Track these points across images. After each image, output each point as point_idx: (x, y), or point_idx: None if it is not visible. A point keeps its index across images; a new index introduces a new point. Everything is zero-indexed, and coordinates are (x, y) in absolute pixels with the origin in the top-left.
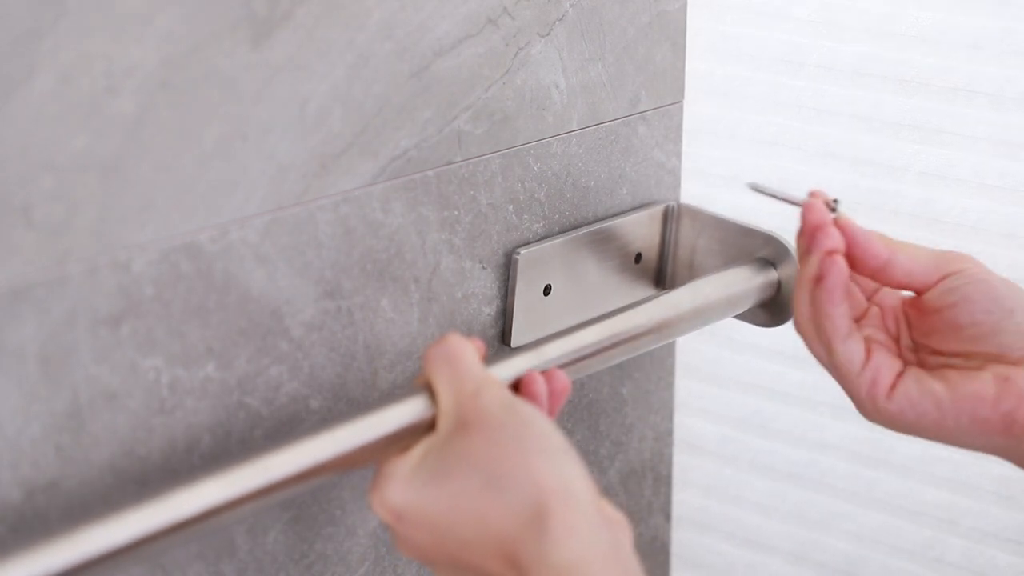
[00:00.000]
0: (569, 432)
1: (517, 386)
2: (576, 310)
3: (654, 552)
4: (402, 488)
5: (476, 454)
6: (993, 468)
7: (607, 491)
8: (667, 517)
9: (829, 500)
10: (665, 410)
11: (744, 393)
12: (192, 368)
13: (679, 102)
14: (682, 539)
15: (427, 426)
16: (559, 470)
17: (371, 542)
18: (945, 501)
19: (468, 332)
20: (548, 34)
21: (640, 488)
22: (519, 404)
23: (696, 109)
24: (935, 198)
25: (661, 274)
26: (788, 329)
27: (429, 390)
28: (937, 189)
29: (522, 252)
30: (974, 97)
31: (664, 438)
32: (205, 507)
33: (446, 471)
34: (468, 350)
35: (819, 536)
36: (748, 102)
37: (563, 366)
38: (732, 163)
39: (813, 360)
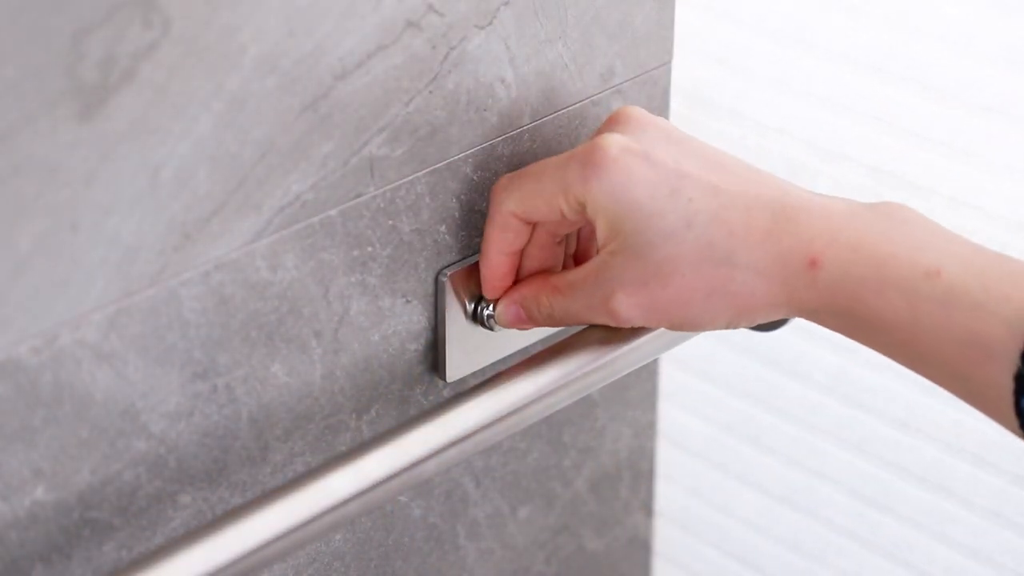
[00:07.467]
0: (545, 433)
1: None
2: (520, 333)
3: (634, 550)
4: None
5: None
6: (1014, 540)
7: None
8: (648, 513)
9: (824, 531)
10: (647, 403)
11: (737, 397)
12: (13, 498)
13: (666, 64)
14: (664, 536)
15: None
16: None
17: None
18: (958, 565)
19: (391, 374)
20: (490, 24)
21: (616, 489)
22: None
23: (693, 75)
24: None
25: None
26: (788, 330)
27: None
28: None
29: (448, 272)
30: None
31: (645, 432)
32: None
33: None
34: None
35: (810, 564)
36: (749, 73)
37: (526, 407)
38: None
39: (814, 376)
